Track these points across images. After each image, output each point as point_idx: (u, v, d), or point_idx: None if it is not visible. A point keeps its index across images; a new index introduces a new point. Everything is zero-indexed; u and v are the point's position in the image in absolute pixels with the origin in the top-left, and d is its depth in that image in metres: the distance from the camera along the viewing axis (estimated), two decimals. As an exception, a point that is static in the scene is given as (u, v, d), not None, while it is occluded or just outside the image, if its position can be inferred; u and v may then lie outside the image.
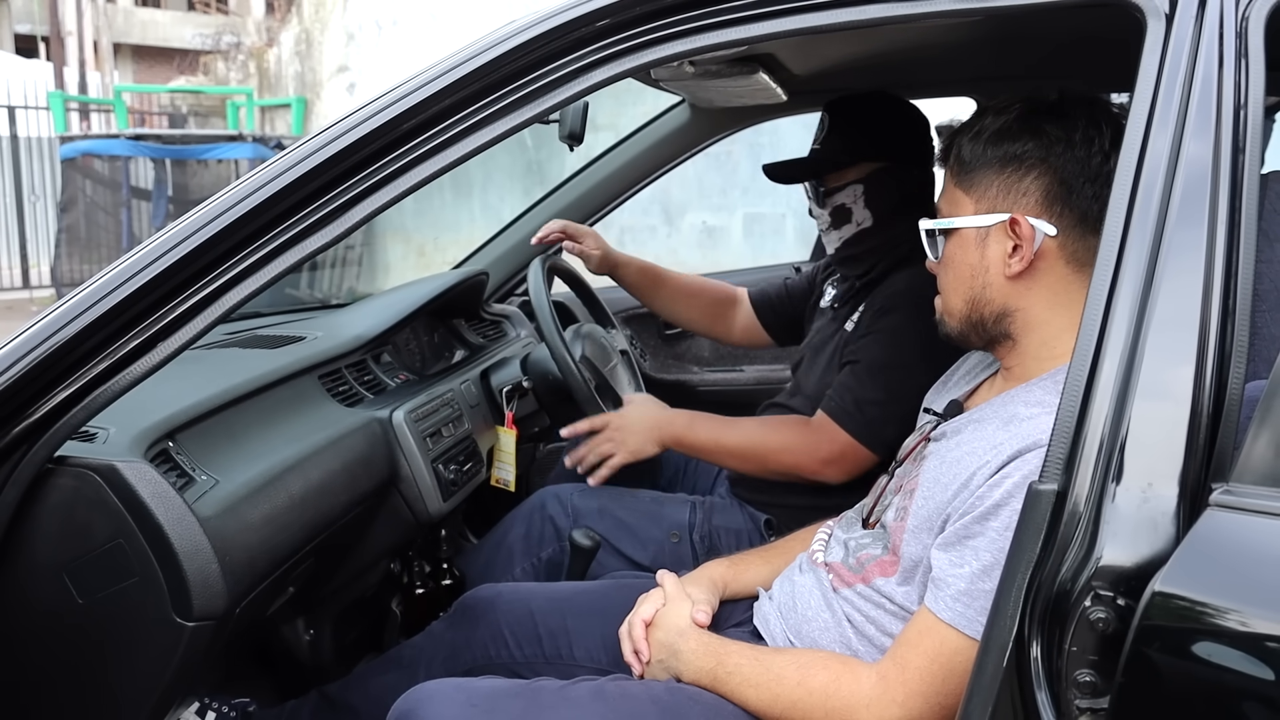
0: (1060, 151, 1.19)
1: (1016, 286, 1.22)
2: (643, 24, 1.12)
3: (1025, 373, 1.24)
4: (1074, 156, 1.18)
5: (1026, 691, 0.94)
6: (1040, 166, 1.20)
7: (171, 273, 1.11)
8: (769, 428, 1.91)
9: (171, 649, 1.20)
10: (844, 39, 1.78)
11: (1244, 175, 0.98)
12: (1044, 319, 1.22)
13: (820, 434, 1.83)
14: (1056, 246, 1.20)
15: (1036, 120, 1.21)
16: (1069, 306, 1.19)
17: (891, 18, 1.09)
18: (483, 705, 1.22)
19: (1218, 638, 0.85)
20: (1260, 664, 0.83)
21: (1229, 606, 0.85)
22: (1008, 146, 1.21)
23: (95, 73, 14.46)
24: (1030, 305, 1.22)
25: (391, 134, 1.13)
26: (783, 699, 1.22)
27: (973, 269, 1.24)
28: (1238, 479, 0.89)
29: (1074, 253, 1.20)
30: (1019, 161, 1.20)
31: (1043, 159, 1.19)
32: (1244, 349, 0.95)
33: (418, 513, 1.80)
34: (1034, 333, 1.23)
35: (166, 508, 1.18)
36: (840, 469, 1.81)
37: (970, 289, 1.25)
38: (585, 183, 2.59)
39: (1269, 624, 0.84)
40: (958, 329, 1.29)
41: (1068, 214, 1.19)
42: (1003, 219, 1.20)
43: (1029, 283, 1.21)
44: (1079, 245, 1.19)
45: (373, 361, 1.99)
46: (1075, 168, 1.18)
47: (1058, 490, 0.94)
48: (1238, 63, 1.00)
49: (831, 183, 1.88)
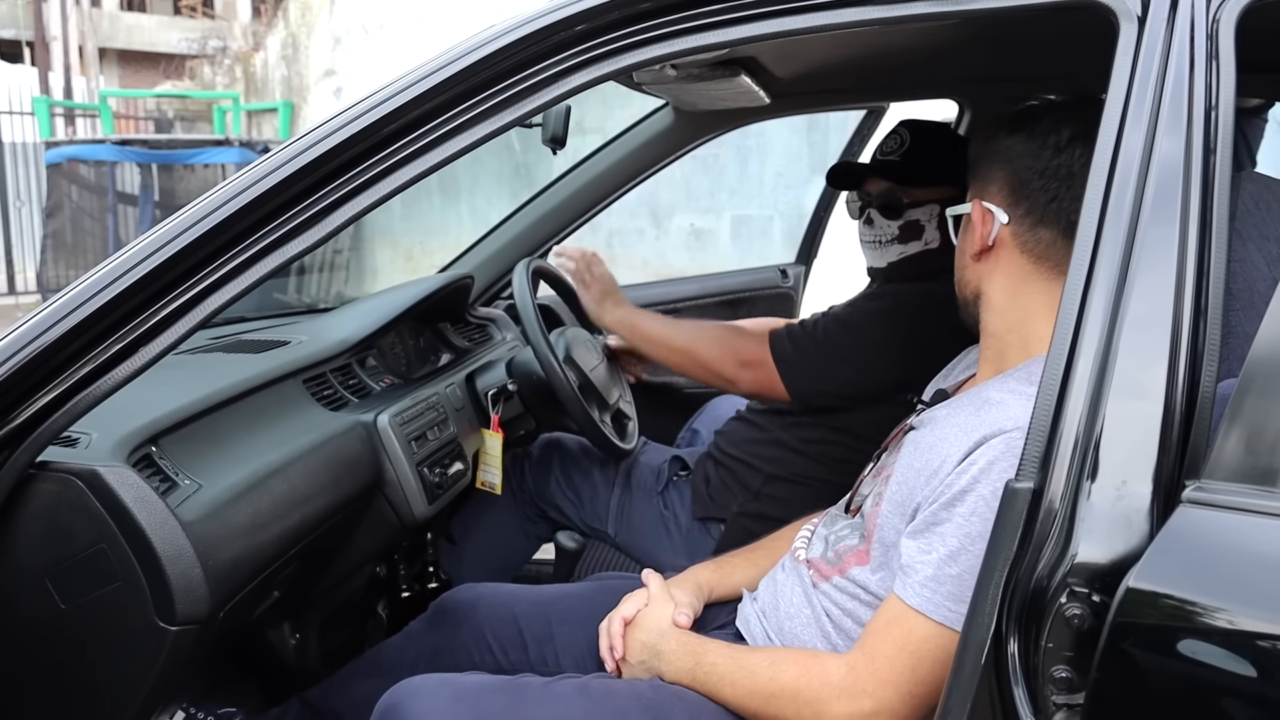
0: (1020, 142, 1.26)
1: (983, 268, 1.30)
2: (620, 28, 1.13)
3: (1000, 358, 1.28)
4: (1028, 150, 1.25)
5: (1004, 688, 0.95)
6: (1003, 158, 1.28)
7: (153, 277, 1.11)
8: (707, 327, 2.02)
9: (155, 653, 1.20)
10: (827, 42, 1.79)
11: (1215, 175, 0.99)
12: (1006, 305, 1.28)
13: (751, 341, 1.91)
14: (1010, 235, 1.26)
15: (1015, 118, 1.29)
16: (1027, 295, 1.26)
17: (867, 21, 1.10)
18: (468, 700, 1.24)
19: (1191, 633, 0.86)
20: (1232, 659, 0.84)
21: (1201, 602, 0.86)
22: (992, 143, 1.30)
23: (81, 78, 14.44)
24: (991, 290, 1.29)
25: (372, 138, 1.14)
26: (757, 694, 1.24)
27: (959, 251, 1.35)
28: (1209, 476, 0.89)
29: (1025, 243, 1.25)
30: (993, 154, 1.29)
31: (1006, 150, 1.28)
32: (1216, 347, 0.96)
33: (403, 516, 1.80)
34: (999, 317, 1.29)
35: (149, 512, 1.18)
36: (752, 379, 1.90)
37: (959, 269, 1.36)
38: (570, 186, 2.58)
39: (1241, 619, 0.85)
40: (960, 305, 1.37)
41: (1021, 205, 1.25)
42: (967, 206, 1.31)
43: (990, 266, 1.29)
44: (1029, 237, 1.25)
45: (357, 365, 1.98)
46: (1029, 162, 1.24)
47: (1034, 488, 0.95)
48: (1209, 64, 1.01)
49: (916, 196, 1.89)
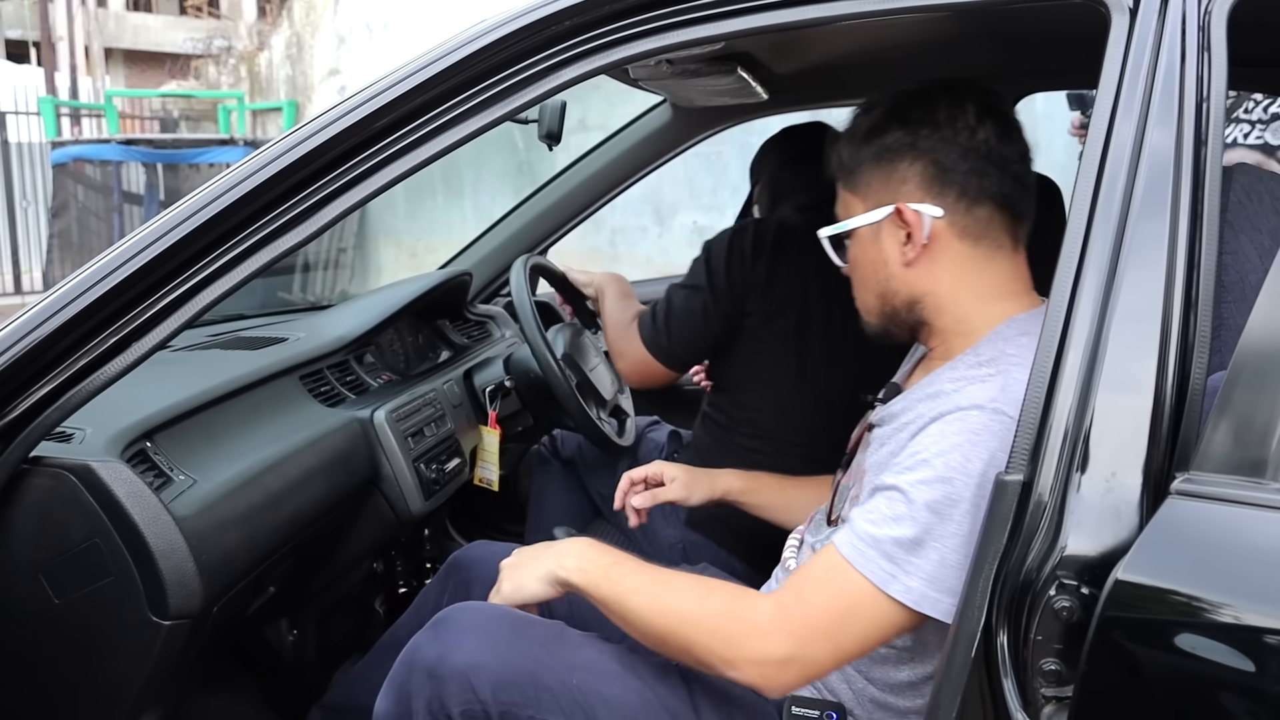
0: (928, 134, 1.21)
1: (918, 272, 1.24)
2: (610, 22, 1.13)
3: (948, 352, 1.25)
4: (941, 136, 1.21)
5: (994, 681, 0.95)
6: (911, 153, 1.22)
7: (146, 272, 1.11)
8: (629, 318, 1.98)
9: (148, 648, 1.21)
10: (823, 37, 1.78)
11: (1206, 168, 0.98)
12: (952, 297, 1.24)
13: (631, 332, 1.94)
14: (946, 225, 1.22)
15: (902, 110, 1.24)
16: (972, 280, 1.23)
17: (859, 14, 1.09)
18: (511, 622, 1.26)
19: (1179, 625, 0.86)
20: (1221, 651, 0.84)
21: (1189, 593, 0.86)
22: (879, 140, 1.24)
23: (87, 78, 14.46)
24: (935, 287, 1.24)
25: (364, 133, 1.14)
26: (673, 611, 1.17)
27: (874, 265, 1.27)
28: (1198, 467, 0.89)
29: (964, 228, 1.22)
30: (891, 152, 1.23)
31: (912, 145, 1.22)
32: (1207, 340, 0.95)
33: (399, 512, 1.80)
34: (946, 312, 1.25)
35: (142, 507, 1.19)
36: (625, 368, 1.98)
37: (877, 284, 1.28)
38: (568, 183, 2.58)
39: (1229, 610, 0.84)
40: (877, 325, 1.32)
41: (949, 192, 1.21)
42: (889, 210, 1.23)
43: (929, 265, 1.23)
44: (967, 220, 1.22)
45: (355, 362, 1.99)
46: (945, 147, 1.21)
47: (1024, 481, 0.95)
48: (1200, 57, 1.01)
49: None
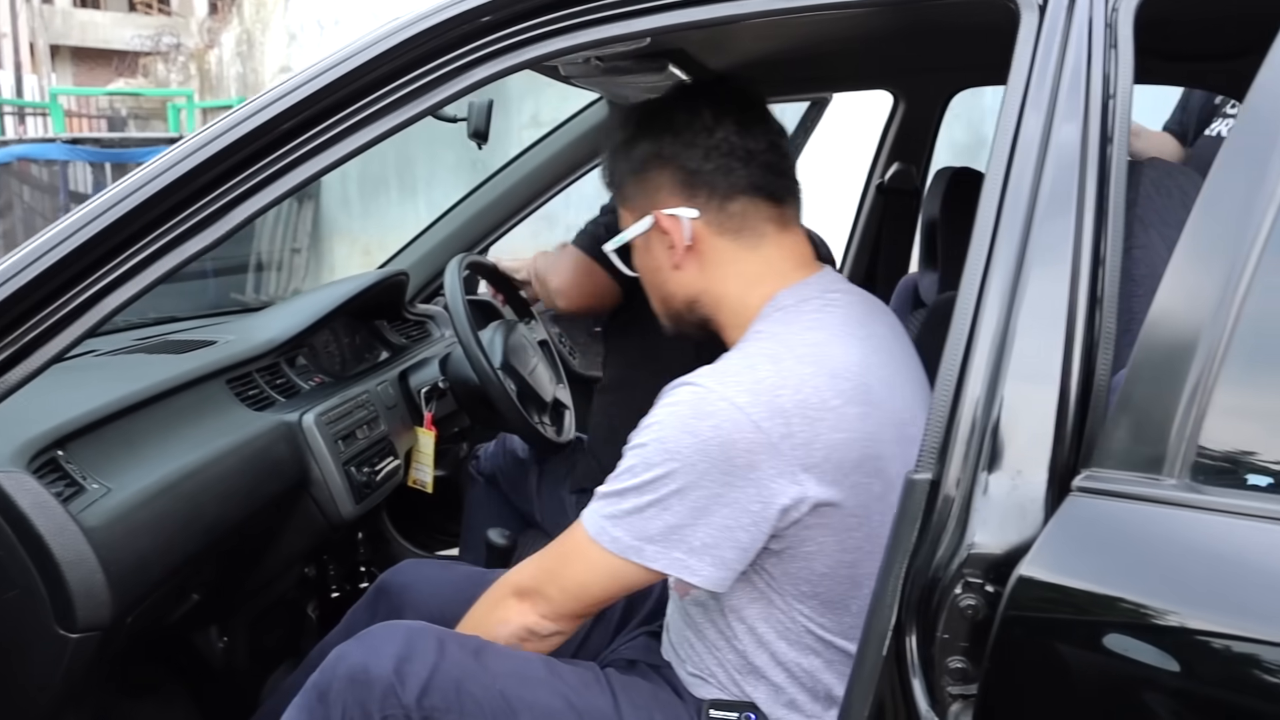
0: (670, 141, 1.25)
1: (689, 273, 1.27)
2: (525, 20, 1.11)
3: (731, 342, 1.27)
4: (682, 141, 1.24)
5: (904, 680, 0.95)
6: (659, 161, 1.25)
7: (45, 279, 1.08)
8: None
9: (56, 661, 1.18)
10: (754, 32, 1.76)
11: (1113, 163, 0.99)
12: (724, 291, 1.26)
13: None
14: (704, 225, 1.24)
15: (646, 121, 1.28)
16: (741, 272, 1.25)
17: (775, 10, 1.09)
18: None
19: (1078, 622, 0.86)
20: (1118, 645, 0.84)
21: (1089, 590, 0.86)
22: (632, 154, 1.28)
23: (32, 75, 14.20)
24: (708, 285, 1.27)
25: (271, 134, 1.11)
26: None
27: (652, 272, 1.31)
28: (1100, 464, 0.90)
29: (721, 224, 1.24)
30: (643, 164, 1.27)
31: (657, 154, 1.25)
32: (1112, 336, 0.96)
33: (330, 515, 1.78)
34: (723, 306, 1.27)
35: (47, 518, 1.16)
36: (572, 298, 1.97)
37: (657, 289, 1.32)
38: (508, 180, 2.55)
39: (1126, 606, 0.85)
40: (670, 326, 1.36)
41: (700, 193, 1.24)
42: (650, 220, 1.26)
43: (698, 265, 1.26)
44: (722, 216, 1.24)
45: (286, 364, 1.96)
46: (687, 151, 1.24)
47: (931, 479, 0.95)
48: (1107, 54, 1.01)
49: None
